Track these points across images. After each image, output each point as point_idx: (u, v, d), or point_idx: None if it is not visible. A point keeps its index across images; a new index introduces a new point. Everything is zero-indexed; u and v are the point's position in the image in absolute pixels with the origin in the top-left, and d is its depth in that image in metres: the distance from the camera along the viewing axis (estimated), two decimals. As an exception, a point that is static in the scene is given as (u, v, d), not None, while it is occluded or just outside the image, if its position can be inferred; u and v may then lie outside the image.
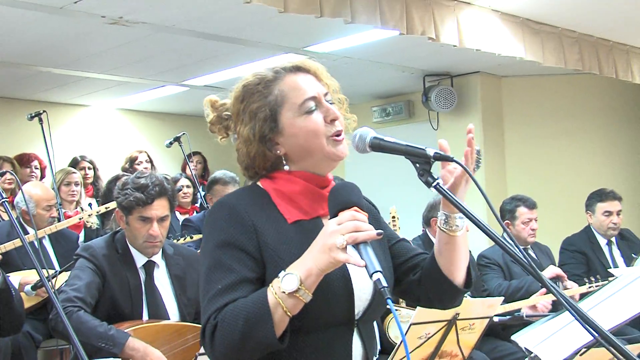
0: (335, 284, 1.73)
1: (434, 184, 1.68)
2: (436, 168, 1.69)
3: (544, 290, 4.69)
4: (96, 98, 8.44)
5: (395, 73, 7.67)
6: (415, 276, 1.94)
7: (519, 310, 4.59)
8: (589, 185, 6.41)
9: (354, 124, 1.91)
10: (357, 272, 1.78)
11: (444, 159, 1.68)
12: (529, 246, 5.38)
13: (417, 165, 1.70)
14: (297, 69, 1.87)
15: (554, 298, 4.62)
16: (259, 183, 1.88)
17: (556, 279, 4.90)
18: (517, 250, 1.63)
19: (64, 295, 3.30)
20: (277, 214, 1.79)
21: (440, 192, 1.69)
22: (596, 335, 1.54)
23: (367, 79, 7.69)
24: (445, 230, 1.83)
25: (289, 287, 1.59)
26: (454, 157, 1.70)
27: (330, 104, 1.84)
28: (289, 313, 1.60)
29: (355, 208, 1.63)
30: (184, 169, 7.61)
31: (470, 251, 6.13)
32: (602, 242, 5.84)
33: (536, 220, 5.38)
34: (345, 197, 1.66)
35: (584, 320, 1.55)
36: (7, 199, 3.01)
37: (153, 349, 3.27)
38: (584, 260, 5.76)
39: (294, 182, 1.82)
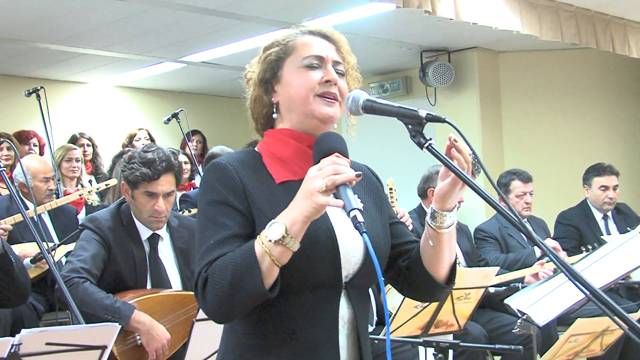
0: (320, 243, 1.73)
1: (426, 145, 1.68)
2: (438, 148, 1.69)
3: (542, 261, 4.73)
4: (93, 75, 8.42)
5: (392, 49, 7.64)
6: (403, 263, 1.94)
7: (517, 280, 4.64)
8: (586, 160, 6.43)
9: None
10: (345, 233, 1.78)
11: (436, 120, 1.68)
12: (525, 219, 5.40)
13: (410, 126, 1.71)
14: (320, 34, 1.92)
15: (554, 267, 4.68)
16: (255, 148, 1.91)
17: (552, 251, 4.94)
18: (516, 219, 1.64)
19: (70, 266, 3.30)
20: (267, 175, 1.82)
21: (432, 153, 1.68)
22: (587, 292, 1.55)
23: (364, 55, 7.61)
24: (432, 225, 1.82)
25: (274, 235, 1.61)
26: (446, 118, 1.68)
27: (340, 74, 1.87)
28: (277, 262, 1.62)
29: (337, 154, 1.66)
30: (183, 148, 7.58)
31: (466, 225, 6.07)
32: (598, 216, 5.87)
33: (531, 194, 5.40)
34: (327, 145, 1.69)
35: (575, 278, 1.56)
36: (5, 169, 3.02)
37: (158, 324, 3.29)
38: (577, 235, 5.78)
39: (286, 142, 1.85)
